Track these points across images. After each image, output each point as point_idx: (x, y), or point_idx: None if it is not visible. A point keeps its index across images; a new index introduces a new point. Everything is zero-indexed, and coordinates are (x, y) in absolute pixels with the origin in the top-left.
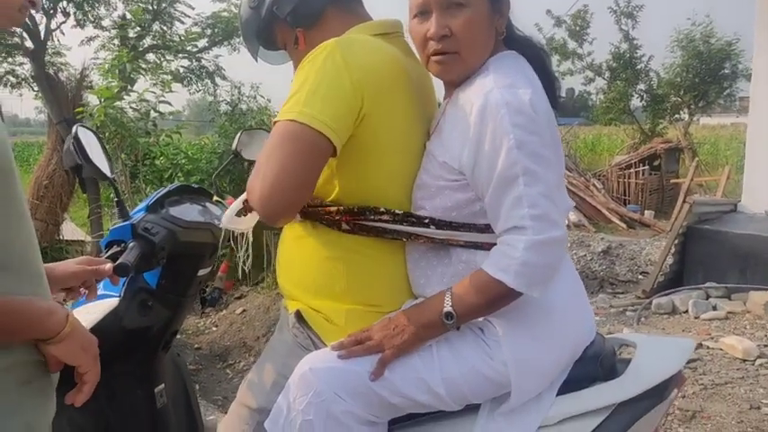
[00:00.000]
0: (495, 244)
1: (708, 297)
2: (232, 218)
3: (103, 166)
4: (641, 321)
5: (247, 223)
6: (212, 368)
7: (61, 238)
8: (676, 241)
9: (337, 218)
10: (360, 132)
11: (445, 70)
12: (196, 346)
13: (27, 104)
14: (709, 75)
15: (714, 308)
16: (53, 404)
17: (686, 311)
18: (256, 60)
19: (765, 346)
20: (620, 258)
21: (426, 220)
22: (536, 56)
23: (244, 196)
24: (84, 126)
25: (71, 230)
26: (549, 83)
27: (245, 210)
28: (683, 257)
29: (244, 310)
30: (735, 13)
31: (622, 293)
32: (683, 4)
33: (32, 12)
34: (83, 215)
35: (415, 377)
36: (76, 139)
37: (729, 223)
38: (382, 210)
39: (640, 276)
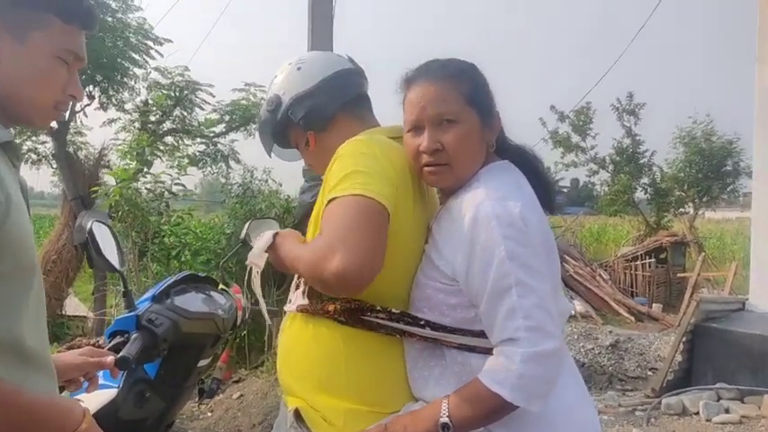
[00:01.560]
0: (489, 348)
1: (719, 399)
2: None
3: (114, 259)
4: (651, 422)
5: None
6: None
7: (63, 312)
8: (684, 339)
9: (335, 316)
10: None
11: (437, 181)
12: None
13: (43, 177)
14: (711, 171)
15: (727, 410)
16: None
17: (697, 413)
18: (270, 156)
19: None
20: (628, 353)
21: (422, 322)
22: (529, 164)
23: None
24: (99, 221)
25: (74, 306)
26: (544, 188)
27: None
28: (691, 355)
29: (241, 395)
30: (734, 113)
31: (631, 390)
32: (684, 104)
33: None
34: (86, 290)
35: None
36: (91, 234)
37: (737, 322)
38: (379, 308)
39: (649, 372)
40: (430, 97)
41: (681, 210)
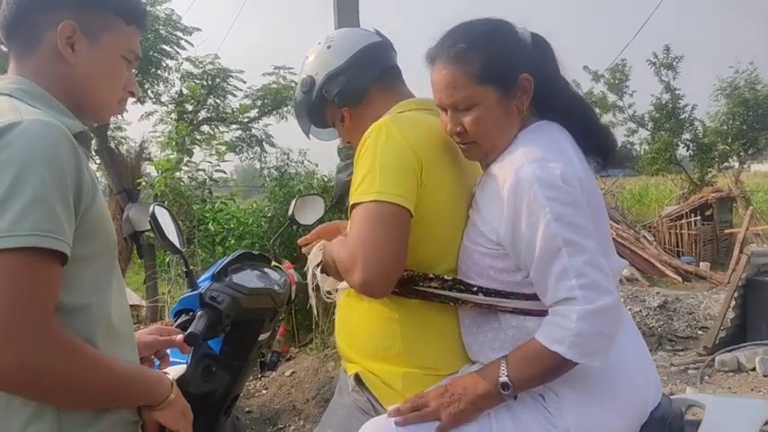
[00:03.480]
0: (543, 310)
1: None
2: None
3: (175, 240)
4: (705, 380)
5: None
6: None
7: None
8: (736, 294)
9: None
10: (417, 199)
11: (471, 156)
12: (247, 409)
13: None
14: (757, 121)
15: None
16: None
17: (753, 369)
18: (308, 138)
19: None
20: (677, 313)
21: (474, 288)
22: (578, 118)
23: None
24: (160, 205)
25: (127, 295)
26: (600, 141)
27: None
28: (744, 311)
29: (293, 372)
30: None
31: (682, 350)
32: (725, 53)
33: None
34: (137, 280)
35: None
36: (153, 216)
37: None
38: (431, 276)
39: (700, 332)
40: (443, 85)
41: (725, 164)
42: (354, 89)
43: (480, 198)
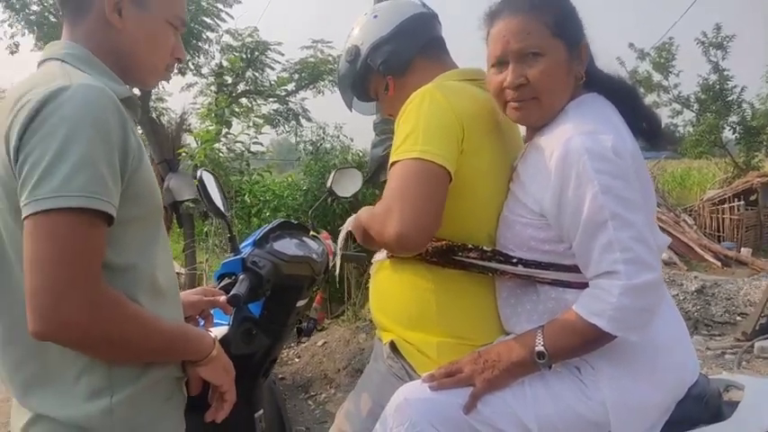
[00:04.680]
0: (583, 283)
1: None
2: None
3: (220, 205)
4: (742, 365)
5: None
6: (295, 399)
7: None
8: None
9: (427, 257)
10: (457, 166)
11: (523, 116)
12: (280, 376)
13: None
14: None
15: None
16: (184, 420)
17: None
18: (350, 110)
19: None
20: (715, 298)
21: (514, 260)
22: (624, 95)
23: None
24: (207, 170)
25: None
26: (644, 119)
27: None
28: None
29: (325, 342)
30: None
31: (719, 336)
32: None
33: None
34: (176, 249)
35: (508, 412)
36: (201, 181)
37: None
38: (470, 246)
39: (739, 318)
40: (514, 30)
41: None
42: (399, 58)
43: (523, 171)
